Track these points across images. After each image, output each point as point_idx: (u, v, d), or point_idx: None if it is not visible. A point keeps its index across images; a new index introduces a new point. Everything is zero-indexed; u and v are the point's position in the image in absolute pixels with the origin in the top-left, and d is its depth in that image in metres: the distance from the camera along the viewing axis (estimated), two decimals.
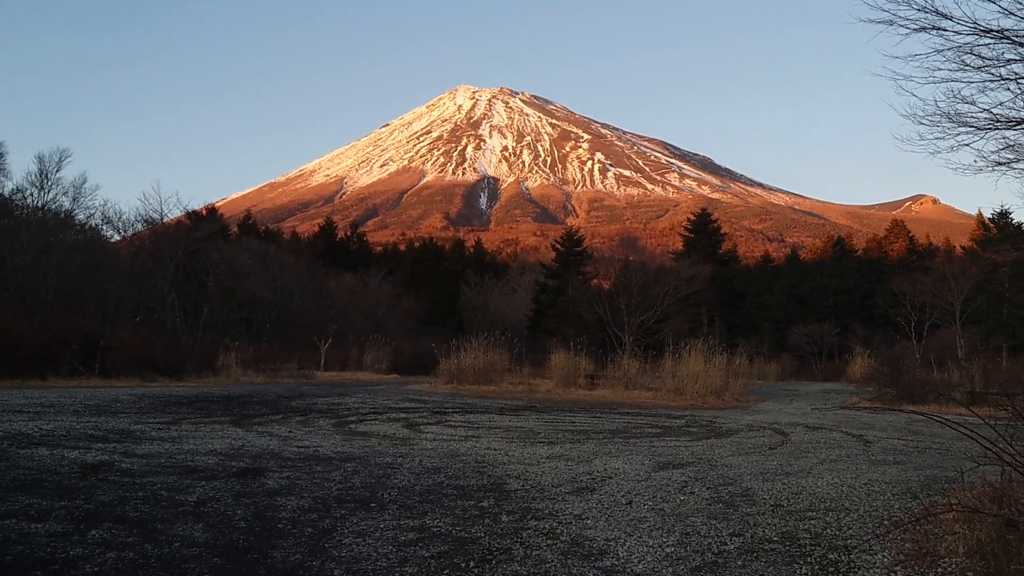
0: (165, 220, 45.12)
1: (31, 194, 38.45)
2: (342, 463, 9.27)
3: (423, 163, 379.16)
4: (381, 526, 6.27)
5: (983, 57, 7.21)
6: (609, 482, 8.48)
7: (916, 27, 7.32)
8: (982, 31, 7.12)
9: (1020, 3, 6.99)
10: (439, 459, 9.86)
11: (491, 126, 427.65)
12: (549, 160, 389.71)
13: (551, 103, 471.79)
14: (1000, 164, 7.69)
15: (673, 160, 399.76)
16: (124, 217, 46.30)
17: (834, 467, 10.01)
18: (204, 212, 54.95)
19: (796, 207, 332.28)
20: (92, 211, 47.17)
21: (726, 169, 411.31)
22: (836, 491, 8.21)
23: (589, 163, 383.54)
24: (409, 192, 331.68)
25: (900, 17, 7.37)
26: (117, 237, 45.70)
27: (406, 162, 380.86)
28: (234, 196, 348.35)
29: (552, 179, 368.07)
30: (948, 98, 7.61)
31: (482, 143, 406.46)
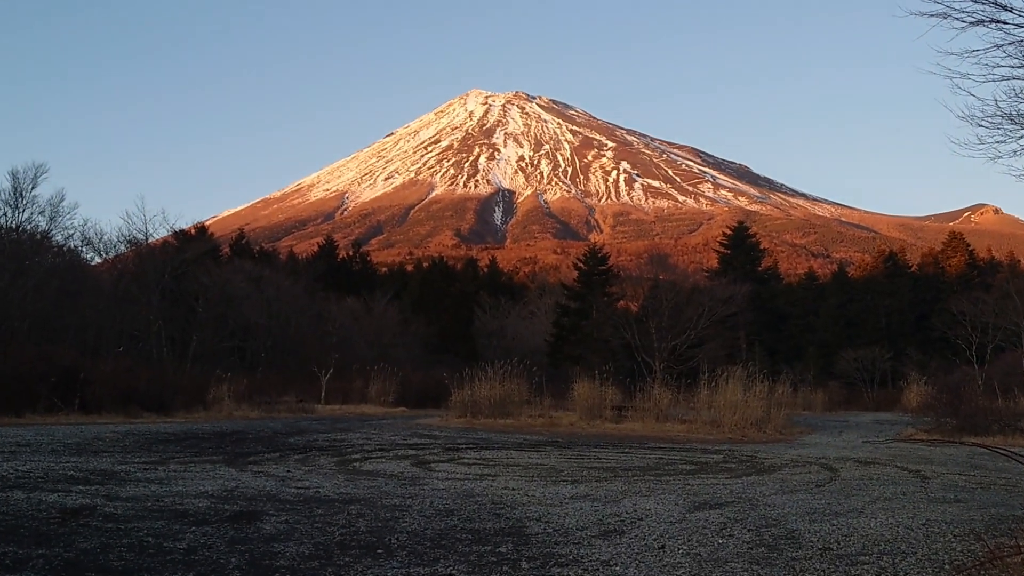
0: (150, 241, 45.51)
1: (4, 214, 38.82)
2: (346, 505, 9.27)
3: (431, 175, 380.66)
4: (389, 574, 6.27)
5: None
6: (639, 524, 8.44)
7: (973, 20, 7.32)
8: None
9: None
10: (452, 500, 9.85)
11: (506, 134, 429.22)
12: (570, 170, 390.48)
13: (571, 108, 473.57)
14: None
15: (706, 169, 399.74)
16: (105, 238, 46.54)
17: (888, 506, 9.93)
18: (193, 231, 55.31)
19: (843, 219, 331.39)
20: (71, 231, 47.62)
21: (765, 178, 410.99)
22: (891, 532, 8.15)
23: (614, 173, 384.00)
24: (416, 207, 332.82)
25: (955, 9, 7.37)
26: (98, 260, 46.15)
27: (413, 174, 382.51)
28: (225, 214, 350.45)
29: (573, 191, 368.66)
30: (1009, 97, 7.59)
31: (496, 153, 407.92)
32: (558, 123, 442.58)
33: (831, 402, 48.15)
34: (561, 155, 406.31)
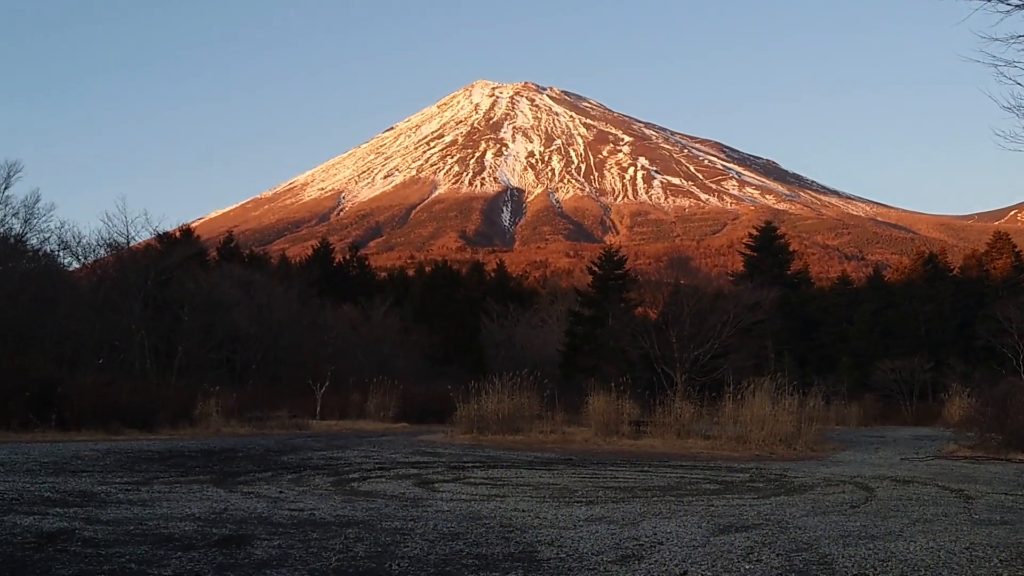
0: (132, 244, 45.63)
1: None
2: (343, 528, 9.28)
3: (434, 173, 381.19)
4: None
5: None
6: (660, 548, 8.44)
7: (1019, 3, 7.29)
8: None
9: None
10: (457, 523, 9.85)
11: (514, 128, 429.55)
12: (583, 167, 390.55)
13: (585, 100, 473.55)
14: None
15: (731, 165, 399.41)
16: (84, 241, 46.67)
17: (929, 528, 9.90)
18: (178, 234, 55.49)
19: (879, 218, 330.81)
20: (47, 235, 47.45)
21: (794, 175, 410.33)
22: (932, 557, 8.13)
23: (631, 170, 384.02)
24: (418, 207, 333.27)
25: None
26: (76, 265, 46.26)
27: (414, 172, 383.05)
28: (213, 215, 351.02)
29: (587, 189, 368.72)
30: None
31: (504, 148, 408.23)
32: (570, 116, 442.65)
33: (866, 416, 48.04)
34: (574, 150, 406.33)
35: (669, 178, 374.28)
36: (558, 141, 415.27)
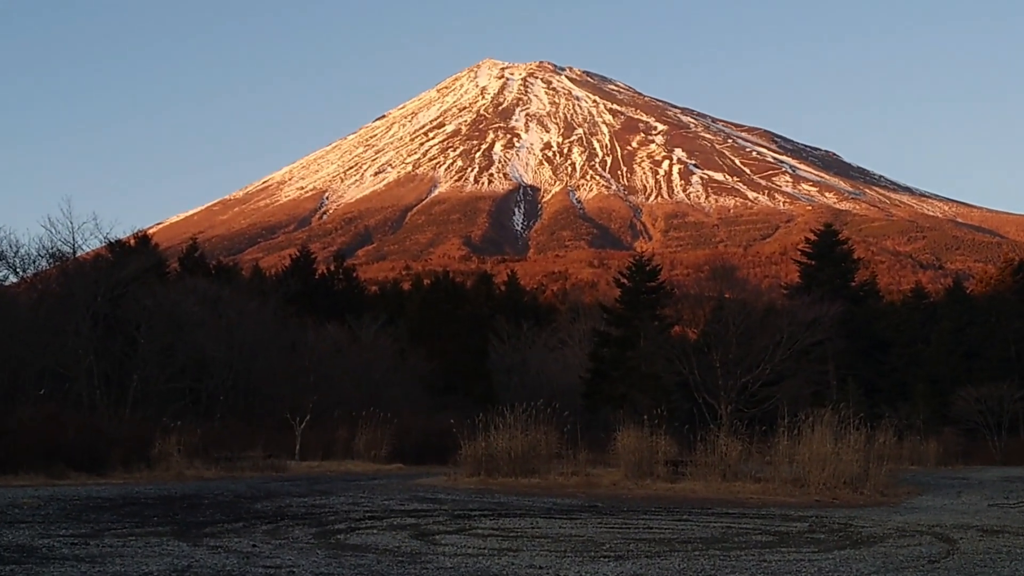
0: (79, 255, 45.69)
1: None
2: None
3: (433, 168, 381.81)
4: None
5: None
6: None
7: None
8: None
9: None
10: None
11: (527, 115, 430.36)
12: (609, 161, 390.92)
13: (610, 81, 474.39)
14: None
15: (784, 157, 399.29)
16: (23, 251, 46.67)
17: None
18: (132, 242, 55.60)
19: (959, 220, 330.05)
20: None
21: (859, 168, 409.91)
22: None
23: (665, 163, 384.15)
24: (415, 209, 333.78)
25: None
26: (13, 279, 46.31)
27: (410, 168, 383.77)
28: (173, 219, 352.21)
29: (614, 187, 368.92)
30: None
31: (515, 139, 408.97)
32: (594, 100, 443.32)
33: (946, 454, 47.86)
34: (598, 141, 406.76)
35: (710, 173, 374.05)
36: (579, 130, 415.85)
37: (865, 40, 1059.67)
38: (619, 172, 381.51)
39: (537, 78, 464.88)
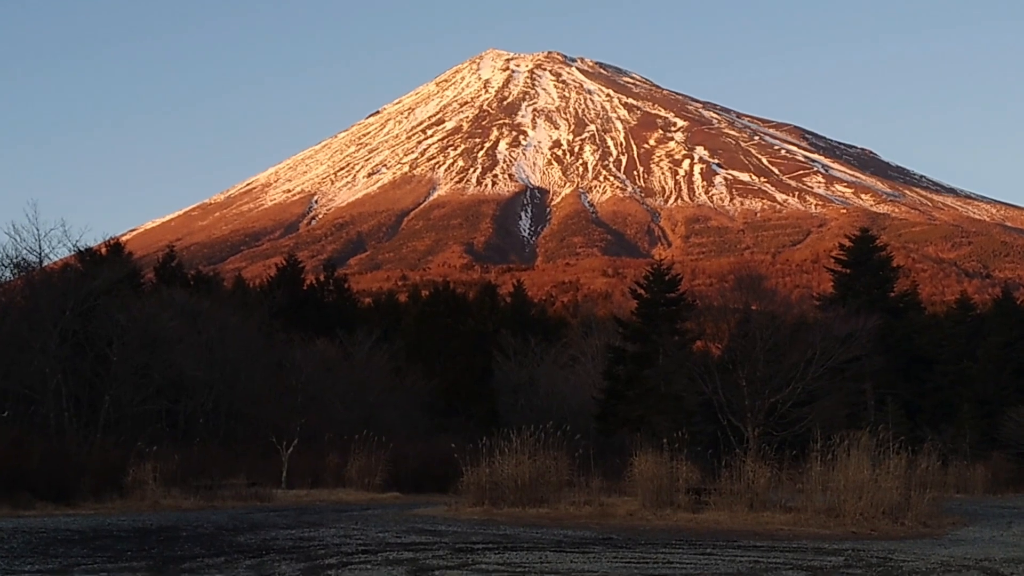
0: (46, 264, 45.77)
1: None
2: None
3: (432, 169, 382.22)
4: None
5: None
6: None
7: None
8: None
9: None
10: None
11: (535, 110, 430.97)
12: (624, 160, 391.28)
13: (625, 73, 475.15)
14: None
15: (816, 156, 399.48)
16: None
17: None
18: (104, 251, 55.73)
19: (1008, 223, 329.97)
20: None
21: (898, 167, 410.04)
22: None
23: (686, 163, 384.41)
24: (412, 213, 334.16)
25: None
26: None
27: (406, 168, 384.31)
28: (148, 225, 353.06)
29: (629, 189, 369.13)
30: None
31: (521, 137, 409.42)
32: (607, 94, 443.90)
33: (995, 481, 47.78)
34: (612, 139, 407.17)
35: (735, 173, 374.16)
36: (591, 127, 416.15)
37: (905, 30, 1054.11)
38: (635, 172, 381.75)
39: (545, 70, 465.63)
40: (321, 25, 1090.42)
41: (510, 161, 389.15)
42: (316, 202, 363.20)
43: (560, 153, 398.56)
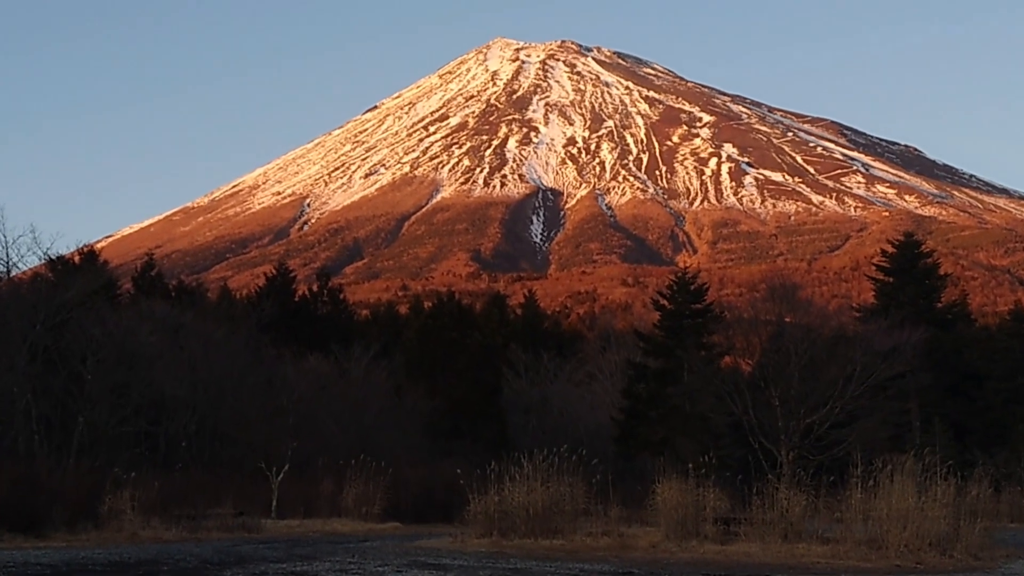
0: (14, 274, 45.92)
1: None
2: None
3: (435, 169, 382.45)
4: None
5: None
6: None
7: None
8: None
9: None
10: None
11: (547, 104, 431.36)
12: (645, 158, 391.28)
13: (646, 64, 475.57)
14: None
15: (855, 154, 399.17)
16: None
17: None
18: (77, 259, 55.81)
19: None
20: None
21: (945, 166, 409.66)
22: None
23: (712, 161, 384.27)
24: (414, 217, 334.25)
25: None
26: None
27: (407, 168, 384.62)
28: (126, 231, 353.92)
29: (651, 190, 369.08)
30: None
31: (533, 134, 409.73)
32: (626, 87, 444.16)
33: None
34: (632, 136, 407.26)
35: (767, 173, 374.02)
36: (609, 123, 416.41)
37: (953, 15, 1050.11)
38: (657, 172, 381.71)
39: (558, 60, 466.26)
40: (314, 12, 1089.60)
41: (520, 160, 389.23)
42: (308, 205, 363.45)
43: (575, 151, 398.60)
